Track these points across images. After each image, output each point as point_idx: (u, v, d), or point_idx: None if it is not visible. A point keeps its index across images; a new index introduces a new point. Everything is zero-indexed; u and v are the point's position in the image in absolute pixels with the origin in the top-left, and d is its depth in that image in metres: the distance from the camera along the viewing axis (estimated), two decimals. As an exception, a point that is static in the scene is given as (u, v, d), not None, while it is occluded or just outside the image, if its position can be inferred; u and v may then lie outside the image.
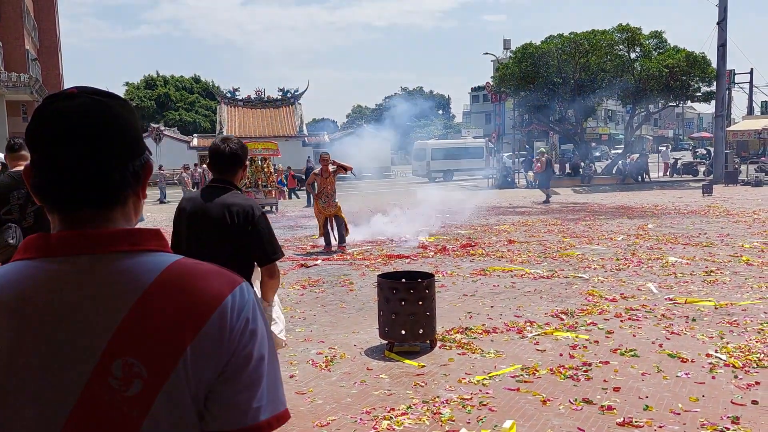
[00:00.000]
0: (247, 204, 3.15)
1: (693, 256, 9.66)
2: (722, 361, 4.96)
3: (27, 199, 4.01)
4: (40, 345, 0.90)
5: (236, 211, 3.09)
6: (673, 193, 23.12)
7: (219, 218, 3.08)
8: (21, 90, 31.47)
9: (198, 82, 66.51)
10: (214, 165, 3.23)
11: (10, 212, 4.01)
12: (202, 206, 3.15)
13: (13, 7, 36.67)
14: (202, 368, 0.93)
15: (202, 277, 0.97)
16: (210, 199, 3.15)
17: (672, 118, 79.08)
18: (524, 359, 5.18)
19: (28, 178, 0.98)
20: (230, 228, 3.08)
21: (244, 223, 3.08)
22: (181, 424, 0.93)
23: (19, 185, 4.02)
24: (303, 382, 4.83)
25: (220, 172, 3.24)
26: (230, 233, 3.08)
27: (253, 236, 3.10)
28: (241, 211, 3.09)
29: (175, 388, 0.91)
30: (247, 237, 3.10)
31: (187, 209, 3.20)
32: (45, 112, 0.96)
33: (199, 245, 3.12)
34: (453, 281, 8.39)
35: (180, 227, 3.23)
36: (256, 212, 3.13)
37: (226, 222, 3.08)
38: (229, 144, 3.21)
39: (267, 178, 20.73)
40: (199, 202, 3.18)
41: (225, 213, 3.09)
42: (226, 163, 3.20)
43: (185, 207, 3.23)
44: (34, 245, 0.96)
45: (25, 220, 4.02)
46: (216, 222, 3.09)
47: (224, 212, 3.09)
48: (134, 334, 0.91)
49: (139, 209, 1.04)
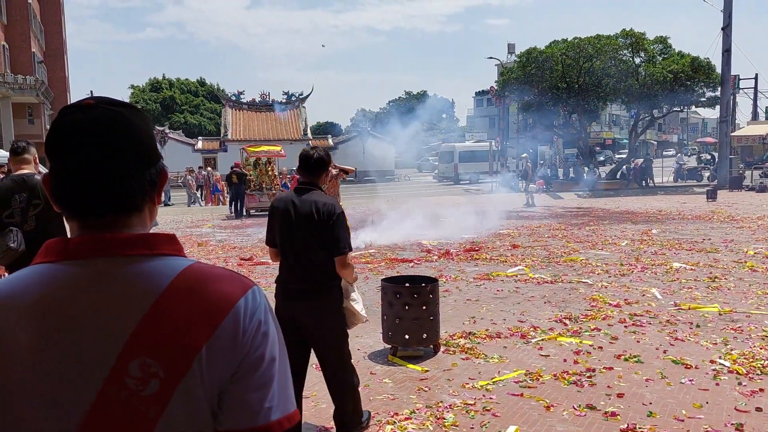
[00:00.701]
0: (330, 203, 3.61)
1: (697, 262, 9.65)
2: (726, 368, 4.95)
3: (29, 202, 4.00)
4: (60, 346, 0.92)
5: (322, 208, 3.54)
6: (678, 198, 23.08)
7: (308, 214, 3.54)
8: (27, 92, 31.64)
9: (203, 85, 66.69)
10: (304, 169, 3.72)
11: (12, 216, 3.99)
12: (293, 204, 3.61)
13: (20, 10, 36.85)
14: (216, 369, 0.96)
15: (216, 280, 1.00)
16: (300, 197, 3.62)
17: (676, 123, 78.91)
18: (528, 364, 5.18)
19: (47, 186, 1.02)
20: (317, 223, 3.53)
21: (327, 219, 3.53)
22: (195, 423, 0.95)
23: (21, 189, 4.01)
24: (307, 385, 4.81)
25: (308, 175, 3.71)
26: (317, 227, 3.53)
27: (331, 230, 3.53)
28: (325, 209, 3.55)
29: (190, 388, 0.94)
30: (328, 231, 3.53)
31: (280, 207, 3.66)
32: (63, 123, 1.00)
33: (291, 238, 3.58)
34: (457, 286, 8.39)
35: (274, 223, 3.70)
36: (337, 210, 3.59)
37: (314, 218, 3.53)
38: (317, 151, 3.73)
39: (271, 181, 20.76)
40: (289, 201, 3.63)
41: (312, 209, 3.54)
42: (313, 167, 3.70)
43: (278, 205, 3.68)
44: (55, 249, 1.00)
45: (26, 223, 4.00)
46: (306, 217, 3.54)
47: (312, 209, 3.54)
48: (151, 335, 0.93)
49: (154, 215, 1.08)
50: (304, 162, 3.71)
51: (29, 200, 3.99)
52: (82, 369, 0.92)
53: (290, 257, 3.60)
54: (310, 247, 3.54)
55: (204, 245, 13.15)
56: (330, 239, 3.53)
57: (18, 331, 0.92)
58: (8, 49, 35.74)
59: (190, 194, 26.57)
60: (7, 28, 35.81)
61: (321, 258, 3.55)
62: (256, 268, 10.12)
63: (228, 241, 13.77)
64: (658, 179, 31.39)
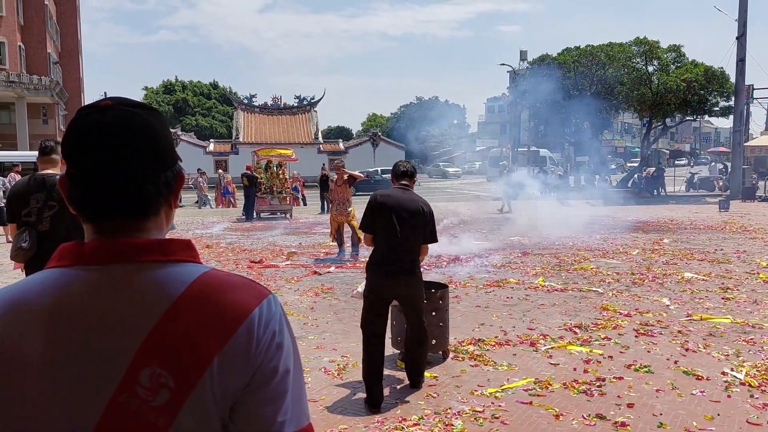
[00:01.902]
0: (425, 201, 4.73)
1: (709, 272, 9.57)
2: (738, 380, 4.90)
3: (45, 203, 4.01)
4: (72, 352, 0.91)
5: (423, 206, 4.64)
6: (690, 207, 22.92)
7: (416, 210, 4.59)
8: (42, 92, 31.96)
9: (216, 87, 67.10)
10: (398, 177, 4.84)
11: (29, 215, 4.01)
12: (399, 201, 4.60)
13: (37, 12, 37.26)
14: (227, 380, 0.93)
15: (230, 289, 0.98)
16: (403, 196, 4.68)
17: (689, 132, 78.51)
18: (537, 372, 5.15)
19: (64, 188, 1.00)
20: (423, 216, 4.60)
21: (428, 214, 4.66)
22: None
23: (40, 189, 4.03)
24: (315, 389, 4.84)
25: (404, 179, 4.82)
26: (422, 221, 4.60)
27: (429, 225, 4.66)
28: (425, 206, 4.67)
29: (200, 398, 0.92)
30: (428, 225, 4.65)
31: (387, 203, 4.59)
32: (80, 124, 0.98)
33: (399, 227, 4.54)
34: (466, 292, 8.37)
35: (376, 214, 4.62)
36: (430, 208, 4.73)
37: (421, 211, 4.60)
38: (409, 163, 5.01)
39: (282, 185, 20.73)
40: (394, 199, 4.62)
41: (420, 206, 4.62)
42: (407, 175, 4.85)
43: (385, 202, 4.61)
44: (69, 253, 0.98)
45: (41, 224, 4.01)
46: (413, 212, 4.57)
47: (419, 206, 4.62)
48: (162, 343, 0.91)
49: (170, 218, 1.06)
50: (396, 170, 4.88)
51: (46, 201, 4.01)
52: (94, 376, 0.90)
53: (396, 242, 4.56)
54: (418, 239, 4.64)
55: (213, 247, 13.19)
56: (428, 231, 4.67)
57: (30, 337, 0.92)
58: (24, 49, 36.14)
59: (200, 196, 26.66)
60: (24, 29, 36.21)
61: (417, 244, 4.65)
62: (266, 271, 10.14)
63: (238, 244, 13.81)
64: (670, 188, 31.19)
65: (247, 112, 44.41)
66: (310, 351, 5.80)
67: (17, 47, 34.76)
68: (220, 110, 64.01)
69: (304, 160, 31.23)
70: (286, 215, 20.42)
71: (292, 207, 21.24)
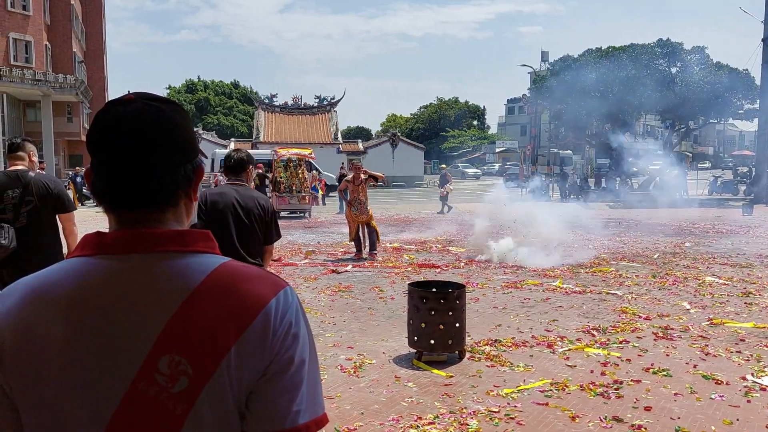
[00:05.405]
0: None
1: (731, 277, 9.44)
2: (759, 385, 4.84)
3: (21, 199, 3.98)
4: (93, 340, 0.93)
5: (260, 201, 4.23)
6: (712, 211, 22.61)
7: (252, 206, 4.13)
8: (67, 91, 32.44)
9: (237, 87, 67.60)
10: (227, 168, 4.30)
11: (4, 212, 3.97)
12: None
13: (63, 11, 37.83)
14: (244, 369, 0.95)
15: (248, 279, 1.00)
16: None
17: (713, 135, 77.36)
18: (554, 374, 5.13)
19: (88, 180, 1.04)
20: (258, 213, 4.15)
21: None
22: (222, 423, 0.95)
23: (14, 184, 3.99)
24: (331, 387, 4.86)
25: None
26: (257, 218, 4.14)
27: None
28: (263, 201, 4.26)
29: (218, 387, 0.94)
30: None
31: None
32: (103, 118, 1.01)
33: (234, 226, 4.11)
34: (484, 293, 8.35)
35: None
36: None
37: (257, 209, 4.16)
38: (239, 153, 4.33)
39: (301, 184, 20.84)
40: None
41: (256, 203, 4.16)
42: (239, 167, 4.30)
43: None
44: (91, 243, 1.01)
45: (18, 220, 3.98)
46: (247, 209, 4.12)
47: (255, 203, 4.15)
48: (181, 332, 0.93)
49: (190, 211, 1.08)
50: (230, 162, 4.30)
51: (22, 197, 3.98)
52: (114, 363, 0.93)
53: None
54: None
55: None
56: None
57: (52, 324, 0.94)
58: (50, 48, 36.73)
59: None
60: (50, 29, 36.80)
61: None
62: (284, 269, 10.21)
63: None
64: (693, 192, 30.77)
65: (267, 112, 44.66)
66: (327, 348, 5.83)
67: (44, 46, 35.34)
68: (241, 110, 64.51)
69: (323, 160, 31.37)
70: (305, 214, 20.54)
71: (311, 206, 21.35)
